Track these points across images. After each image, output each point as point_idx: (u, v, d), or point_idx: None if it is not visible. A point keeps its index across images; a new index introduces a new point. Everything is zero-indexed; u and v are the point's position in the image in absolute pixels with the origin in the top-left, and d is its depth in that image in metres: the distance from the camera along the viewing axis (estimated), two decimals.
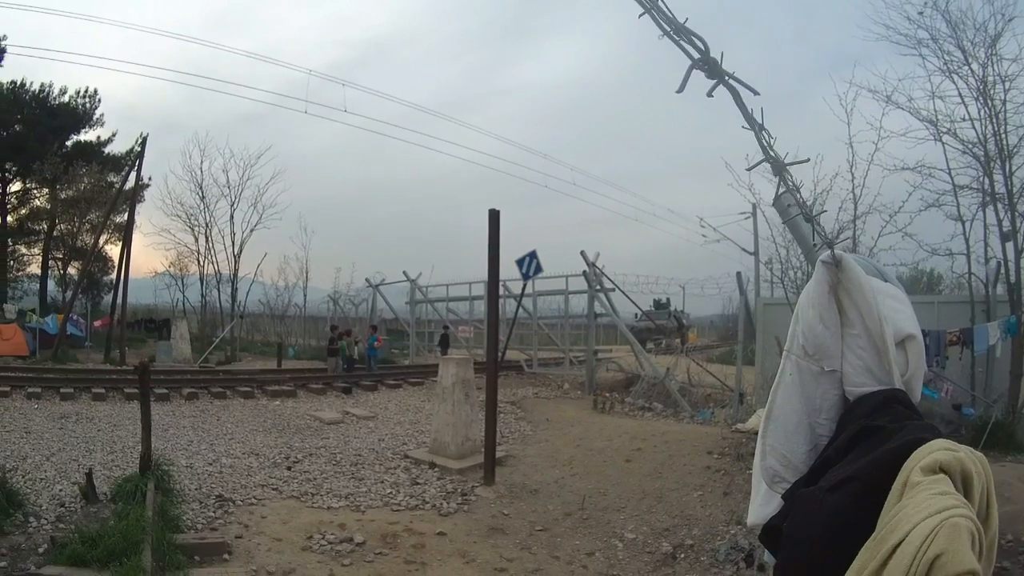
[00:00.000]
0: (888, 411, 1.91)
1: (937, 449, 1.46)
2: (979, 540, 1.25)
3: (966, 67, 9.72)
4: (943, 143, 9.88)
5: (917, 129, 10.02)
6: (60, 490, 7.14)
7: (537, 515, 7.57)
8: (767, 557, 2.21)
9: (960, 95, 9.77)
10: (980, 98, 9.63)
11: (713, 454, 8.93)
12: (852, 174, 10.70)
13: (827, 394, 2.16)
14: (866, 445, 1.75)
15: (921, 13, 9.84)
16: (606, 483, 8.56)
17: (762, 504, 2.25)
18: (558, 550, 6.56)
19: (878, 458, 1.59)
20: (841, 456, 1.82)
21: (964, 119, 9.75)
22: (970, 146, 9.71)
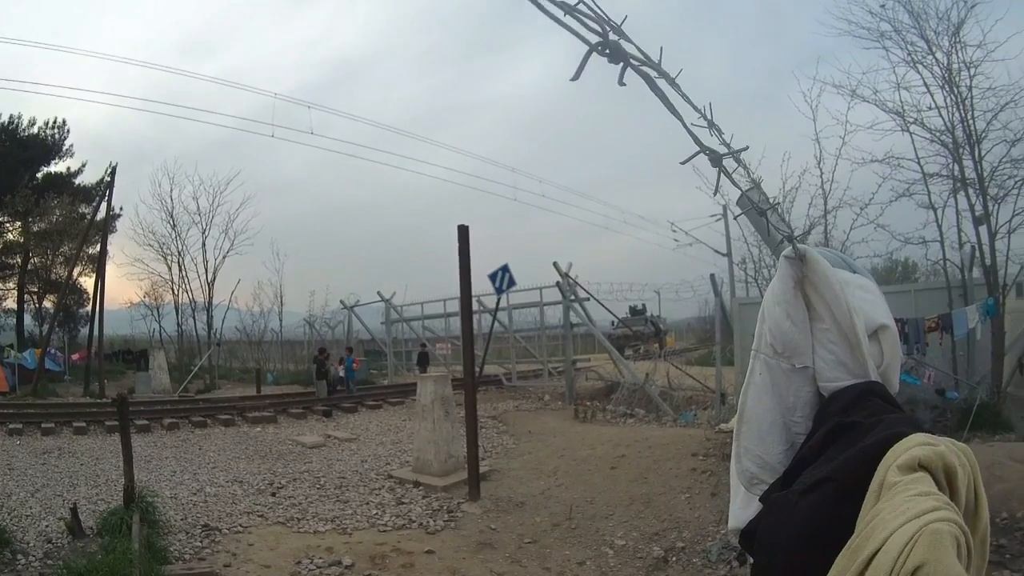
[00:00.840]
0: (865, 405, 1.84)
1: (915, 445, 1.37)
2: (966, 543, 1.16)
3: (930, 56, 9.80)
4: (911, 133, 9.95)
5: (884, 121, 10.10)
6: (46, 526, 7.01)
7: (525, 527, 7.47)
8: None
9: (925, 84, 9.84)
10: (946, 86, 9.70)
11: (698, 456, 8.86)
12: (820, 169, 10.79)
13: (800, 391, 2.09)
14: (842, 443, 1.67)
15: (883, 6, 9.93)
16: (592, 491, 8.48)
17: (742, 507, 2.17)
18: (548, 561, 6.47)
19: (853, 457, 1.51)
20: (816, 455, 1.75)
21: (931, 108, 9.83)
22: (938, 134, 9.77)
